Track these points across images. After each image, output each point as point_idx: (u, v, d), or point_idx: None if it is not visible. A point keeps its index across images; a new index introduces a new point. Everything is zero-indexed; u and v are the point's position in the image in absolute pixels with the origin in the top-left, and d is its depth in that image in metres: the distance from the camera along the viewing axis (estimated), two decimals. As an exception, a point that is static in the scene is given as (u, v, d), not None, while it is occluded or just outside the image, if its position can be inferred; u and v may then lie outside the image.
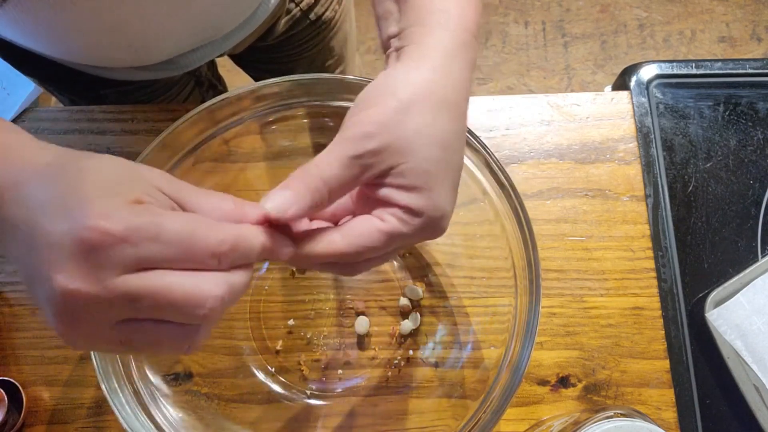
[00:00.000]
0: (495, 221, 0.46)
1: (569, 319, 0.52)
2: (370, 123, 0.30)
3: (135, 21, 0.47)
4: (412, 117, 0.30)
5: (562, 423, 0.45)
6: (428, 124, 0.31)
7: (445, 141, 0.31)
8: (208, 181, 0.49)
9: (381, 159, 0.30)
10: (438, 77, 0.32)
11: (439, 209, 0.31)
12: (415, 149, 0.30)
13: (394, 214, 0.31)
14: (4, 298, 0.52)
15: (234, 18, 0.56)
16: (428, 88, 0.31)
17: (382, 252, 0.32)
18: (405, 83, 0.31)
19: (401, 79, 0.32)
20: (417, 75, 0.32)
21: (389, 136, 0.30)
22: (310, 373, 0.50)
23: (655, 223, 0.54)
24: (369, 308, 0.52)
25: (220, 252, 0.26)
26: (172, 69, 0.58)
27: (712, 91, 0.59)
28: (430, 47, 0.32)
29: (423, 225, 0.31)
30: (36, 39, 0.49)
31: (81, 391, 0.50)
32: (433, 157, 0.30)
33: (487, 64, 1.60)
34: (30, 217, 0.25)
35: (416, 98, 0.31)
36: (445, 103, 0.31)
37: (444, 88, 0.32)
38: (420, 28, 0.33)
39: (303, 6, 0.66)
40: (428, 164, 0.30)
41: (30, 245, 0.25)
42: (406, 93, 0.31)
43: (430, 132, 0.30)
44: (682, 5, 1.65)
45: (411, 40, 0.33)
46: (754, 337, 0.50)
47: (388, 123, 0.30)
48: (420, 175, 0.30)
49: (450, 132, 0.31)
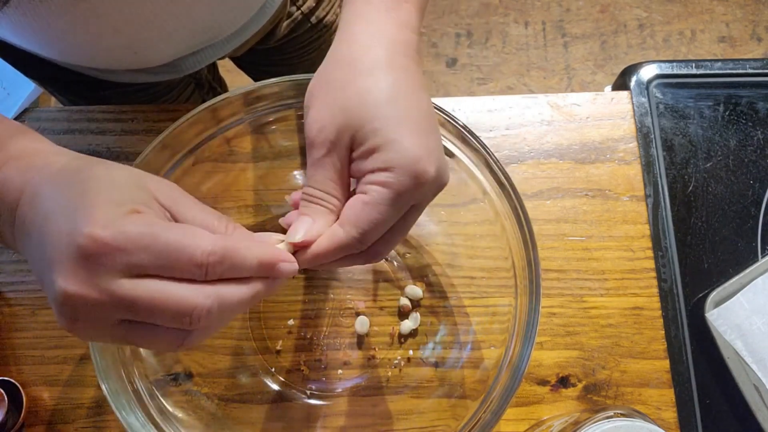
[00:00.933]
0: (495, 221, 0.46)
1: (569, 319, 0.52)
2: (316, 120, 0.32)
3: (135, 24, 0.47)
4: (348, 92, 0.32)
5: (562, 423, 0.45)
6: (365, 88, 0.31)
7: (388, 93, 0.31)
8: (208, 181, 0.49)
9: (344, 140, 0.32)
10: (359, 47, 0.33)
11: (408, 155, 0.30)
12: (361, 115, 0.31)
13: (370, 182, 0.31)
14: (4, 298, 0.52)
15: (235, 21, 0.56)
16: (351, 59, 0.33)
17: (390, 223, 0.32)
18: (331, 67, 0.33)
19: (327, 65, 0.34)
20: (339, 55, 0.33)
21: (336, 120, 0.31)
22: (310, 373, 0.50)
23: (655, 223, 0.54)
24: (369, 308, 0.52)
25: (207, 263, 0.26)
26: (172, 72, 0.58)
27: (712, 91, 0.59)
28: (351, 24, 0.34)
29: (403, 178, 0.30)
30: (36, 41, 0.49)
31: (81, 391, 0.50)
32: (380, 114, 0.31)
33: (487, 64, 1.60)
34: (40, 222, 0.27)
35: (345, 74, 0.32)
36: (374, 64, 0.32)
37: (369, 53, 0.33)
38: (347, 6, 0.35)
39: (304, 9, 0.66)
40: (378, 122, 0.31)
41: (40, 248, 0.27)
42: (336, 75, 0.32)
43: (368, 95, 0.31)
44: (682, 5, 1.65)
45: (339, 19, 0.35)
46: (754, 337, 0.50)
47: (329, 109, 0.32)
48: (373, 134, 0.31)
49: (388, 84, 0.32)
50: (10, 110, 0.57)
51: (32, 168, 0.29)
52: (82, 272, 0.25)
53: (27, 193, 0.28)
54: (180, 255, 0.26)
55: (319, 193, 0.32)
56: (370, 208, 0.31)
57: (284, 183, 0.53)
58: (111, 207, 0.26)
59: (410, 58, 0.34)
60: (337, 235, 0.32)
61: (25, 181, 0.29)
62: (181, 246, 0.26)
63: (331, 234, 0.32)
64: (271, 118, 0.47)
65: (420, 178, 0.31)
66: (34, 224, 0.27)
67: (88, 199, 0.26)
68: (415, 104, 0.32)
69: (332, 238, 0.32)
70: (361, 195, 0.31)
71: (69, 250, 0.25)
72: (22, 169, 0.29)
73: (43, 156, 0.30)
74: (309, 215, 0.32)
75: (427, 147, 0.31)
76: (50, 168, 0.29)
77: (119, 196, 0.27)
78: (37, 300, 0.52)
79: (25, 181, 0.29)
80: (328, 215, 0.32)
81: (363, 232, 0.31)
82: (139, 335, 0.27)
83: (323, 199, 0.32)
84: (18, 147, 0.31)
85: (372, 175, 0.31)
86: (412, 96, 0.32)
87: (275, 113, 0.46)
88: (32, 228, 0.27)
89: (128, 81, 0.59)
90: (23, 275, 0.53)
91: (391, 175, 0.30)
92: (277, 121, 0.47)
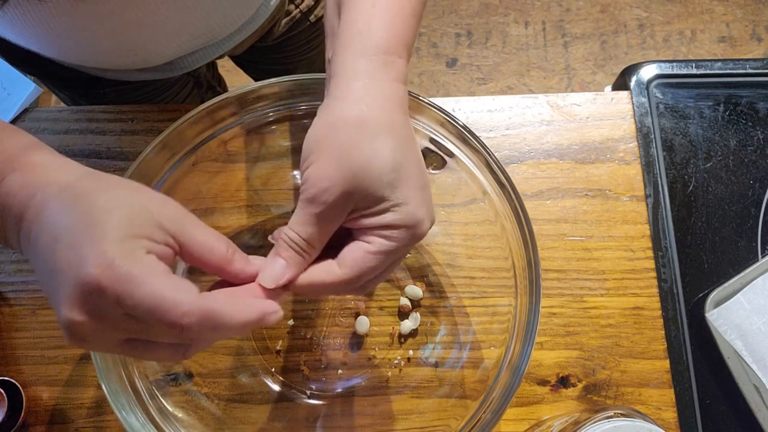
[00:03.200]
0: (495, 221, 0.46)
1: (569, 319, 0.52)
2: (321, 178, 0.32)
3: (134, 25, 0.47)
4: (354, 156, 0.32)
5: (562, 423, 0.45)
6: (371, 156, 0.32)
7: (393, 160, 0.33)
8: (208, 181, 0.49)
9: (345, 203, 0.33)
10: (362, 107, 0.33)
11: (413, 217, 0.33)
12: (369, 182, 0.32)
13: (374, 234, 0.33)
14: (4, 298, 0.52)
15: (233, 21, 0.56)
16: (358, 122, 0.33)
17: (380, 269, 0.34)
18: (337, 126, 0.33)
19: (333, 122, 0.34)
20: (344, 113, 0.34)
21: (343, 183, 0.32)
22: (310, 373, 0.50)
23: (655, 223, 0.54)
24: (369, 308, 0.52)
25: (182, 324, 0.28)
26: (171, 70, 0.58)
27: (712, 91, 0.59)
28: (350, 80, 0.34)
29: (405, 235, 0.33)
30: (35, 40, 0.49)
31: (81, 391, 0.50)
32: (387, 180, 0.33)
33: (487, 64, 1.60)
34: (47, 242, 0.28)
35: (351, 137, 0.33)
36: (377, 128, 0.33)
37: (371, 115, 0.33)
38: (341, 57, 0.35)
39: (303, 8, 0.66)
40: (386, 189, 0.33)
41: (48, 273, 0.28)
42: (342, 136, 0.33)
43: (374, 162, 0.32)
44: (682, 5, 1.65)
45: (335, 71, 0.35)
46: (754, 337, 0.50)
47: (336, 170, 0.32)
48: (381, 200, 0.33)
49: (392, 149, 0.33)
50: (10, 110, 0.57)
51: (35, 184, 0.30)
52: (87, 305, 0.27)
53: (32, 207, 0.29)
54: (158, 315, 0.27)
55: (303, 244, 0.34)
56: (371, 257, 0.33)
57: (284, 183, 0.53)
58: (113, 246, 0.27)
59: (404, 113, 0.35)
60: (333, 273, 0.34)
61: (30, 195, 0.29)
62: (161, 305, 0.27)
63: (328, 270, 0.34)
64: (271, 118, 0.47)
65: (419, 235, 0.34)
66: (40, 242, 0.29)
67: (90, 236, 0.27)
68: (414, 164, 0.34)
69: (329, 275, 0.34)
70: (363, 243, 0.33)
71: (75, 284, 0.27)
72: (26, 183, 0.30)
73: (45, 173, 0.31)
74: (285, 260, 0.34)
75: (425, 205, 0.34)
76: (53, 187, 0.30)
77: (121, 231, 0.28)
78: (37, 300, 0.52)
79: (30, 195, 0.30)
80: (302, 264, 0.34)
81: (359, 275, 0.33)
82: (142, 351, 0.30)
83: (305, 250, 0.34)
84: (19, 157, 0.32)
85: (378, 230, 0.33)
86: (410, 155, 0.34)
87: (275, 113, 0.46)
88: (38, 245, 0.29)
89: (126, 79, 0.59)
90: (23, 275, 0.53)
91: (395, 233, 0.33)
92: (277, 121, 0.47)
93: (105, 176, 0.31)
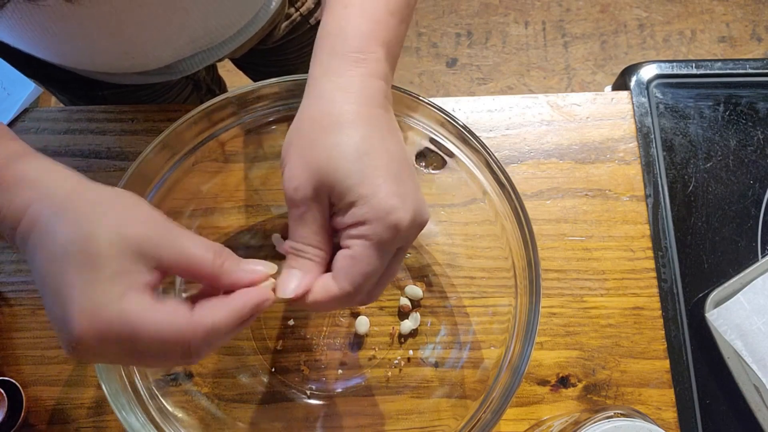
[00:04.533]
0: (495, 221, 0.46)
1: (569, 319, 0.52)
2: (291, 178, 0.33)
3: (132, 29, 0.47)
4: (317, 151, 0.33)
5: (562, 423, 0.45)
6: (333, 148, 0.32)
7: (356, 150, 0.32)
8: (208, 181, 0.49)
9: (318, 198, 0.33)
10: (330, 104, 0.34)
11: (381, 208, 0.32)
12: (334, 175, 0.32)
13: (350, 236, 0.32)
14: (4, 298, 0.52)
15: (231, 26, 0.56)
16: (323, 118, 0.33)
17: (379, 271, 0.33)
18: (305, 125, 0.34)
19: (302, 122, 0.34)
20: (312, 112, 0.34)
21: (310, 179, 0.32)
22: (310, 373, 0.50)
23: (655, 223, 0.54)
24: (369, 308, 0.52)
25: (189, 350, 0.29)
26: (170, 74, 0.58)
27: (712, 91, 0.59)
28: (321, 79, 0.35)
29: (380, 228, 0.32)
30: (33, 44, 0.49)
31: (81, 391, 0.50)
32: (350, 170, 0.32)
33: (487, 64, 1.60)
34: (44, 273, 0.29)
35: (316, 133, 0.33)
36: (343, 122, 0.33)
37: (338, 110, 0.33)
38: (315, 59, 0.36)
39: (303, 11, 0.66)
40: (349, 179, 0.32)
41: (45, 299, 0.29)
42: (308, 134, 0.33)
43: (336, 153, 0.32)
44: (682, 5, 1.65)
45: (310, 73, 0.36)
46: (754, 337, 0.50)
47: (303, 168, 0.33)
48: (347, 191, 0.32)
49: (356, 141, 0.32)
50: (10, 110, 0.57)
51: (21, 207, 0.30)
52: (80, 349, 0.28)
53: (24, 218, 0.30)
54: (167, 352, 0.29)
55: (304, 248, 0.34)
56: (357, 262, 0.32)
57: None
58: (105, 291, 0.28)
59: (378, 106, 0.34)
60: (331, 289, 0.33)
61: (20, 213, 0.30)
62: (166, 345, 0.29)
63: (326, 288, 0.33)
64: (271, 118, 0.47)
65: (397, 227, 0.32)
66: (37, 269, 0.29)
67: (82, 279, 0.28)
68: (386, 154, 0.33)
69: (327, 292, 0.33)
70: (345, 250, 0.33)
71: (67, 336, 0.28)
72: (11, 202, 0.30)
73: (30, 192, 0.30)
74: (298, 268, 0.34)
75: (400, 194, 0.32)
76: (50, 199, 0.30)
77: (110, 270, 0.28)
78: (37, 300, 0.52)
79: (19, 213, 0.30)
80: (316, 267, 0.34)
81: (354, 285, 0.33)
82: (147, 363, 0.31)
83: (309, 253, 0.34)
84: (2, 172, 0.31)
85: (351, 230, 0.32)
86: (381, 146, 0.33)
87: (275, 113, 0.46)
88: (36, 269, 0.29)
89: (125, 82, 0.59)
90: (23, 275, 0.53)
91: (369, 228, 0.32)
92: (276, 121, 0.47)
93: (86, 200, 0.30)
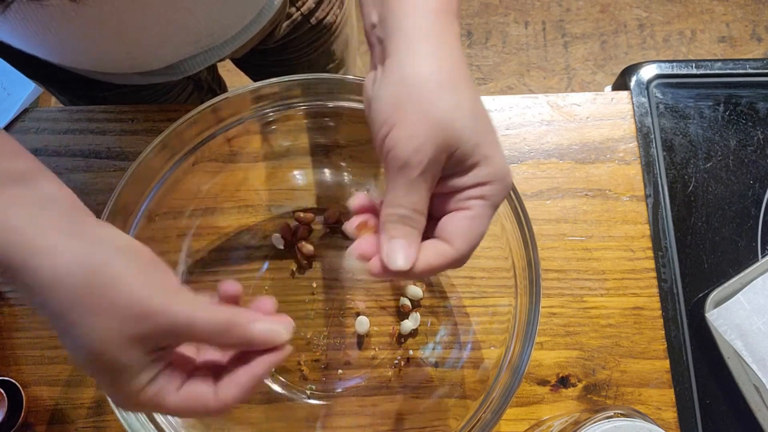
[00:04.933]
0: (495, 221, 0.46)
1: (569, 319, 0.52)
2: (410, 137, 0.31)
3: (134, 30, 0.47)
4: (441, 109, 0.31)
5: (562, 423, 0.45)
6: (455, 108, 0.32)
7: (472, 111, 0.32)
8: (208, 181, 0.49)
9: (440, 159, 0.31)
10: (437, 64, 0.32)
11: (503, 169, 0.32)
12: (459, 134, 0.31)
13: (470, 197, 0.32)
14: (4, 298, 0.52)
15: (232, 26, 0.56)
16: (435, 77, 0.32)
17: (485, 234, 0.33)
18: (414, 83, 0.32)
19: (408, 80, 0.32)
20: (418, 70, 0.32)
21: (435, 138, 0.31)
22: (310, 373, 0.50)
23: (655, 223, 0.54)
24: (369, 308, 0.52)
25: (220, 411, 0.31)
26: (171, 74, 0.58)
27: (712, 91, 0.59)
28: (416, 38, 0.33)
29: (499, 189, 0.32)
30: (35, 44, 0.49)
31: (81, 391, 0.50)
32: (475, 129, 0.32)
33: (487, 64, 1.60)
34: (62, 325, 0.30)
35: (432, 91, 0.32)
36: (455, 82, 0.32)
37: (447, 69, 0.33)
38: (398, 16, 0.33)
39: (304, 10, 0.66)
40: (476, 137, 0.32)
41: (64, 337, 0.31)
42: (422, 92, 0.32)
43: (459, 113, 0.31)
44: (682, 5, 1.65)
45: (393, 30, 0.33)
46: (754, 337, 0.50)
47: (425, 126, 0.31)
48: (472, 151, 0.32)
49: (468, 100, 0.32)
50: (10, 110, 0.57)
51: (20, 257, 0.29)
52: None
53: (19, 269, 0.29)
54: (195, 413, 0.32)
55: (412, 214, 0.32)
56: (477, 223, 0.32)
57: (284, 183, 0.53)
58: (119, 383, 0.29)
59: (468, 71, 0.35)
60: (447, 253, 0.32)
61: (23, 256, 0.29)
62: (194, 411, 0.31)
63: (440, 253, 0.32)
64: (271, 118, 0.47)
65: (509, 188, 0.33)
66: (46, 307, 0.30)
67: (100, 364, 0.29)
68: (488, 118, 0.33)
69: (444, 257, 0.32)
70: (464, 211, 0.32)
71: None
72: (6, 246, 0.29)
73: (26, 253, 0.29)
74: (402, 237, 0.32)
75: (504, 157, 0.33)
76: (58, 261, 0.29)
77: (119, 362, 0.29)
78: (37, 300, 0.52)
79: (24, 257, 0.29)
80: (418, 236, 0.33)
81: (472, 246, 0.32)
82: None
83: (415, 221, 0.32)
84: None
85: (471, 191, 0.32)
86: (485, 109, 0.34)
87: (276, 113, 0.46)
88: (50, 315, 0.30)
89: (126, 83, 0.59)
90: (23, 275, 0.53)
91: (491, 188, 0.32)
92: (277, 121, 0.47)
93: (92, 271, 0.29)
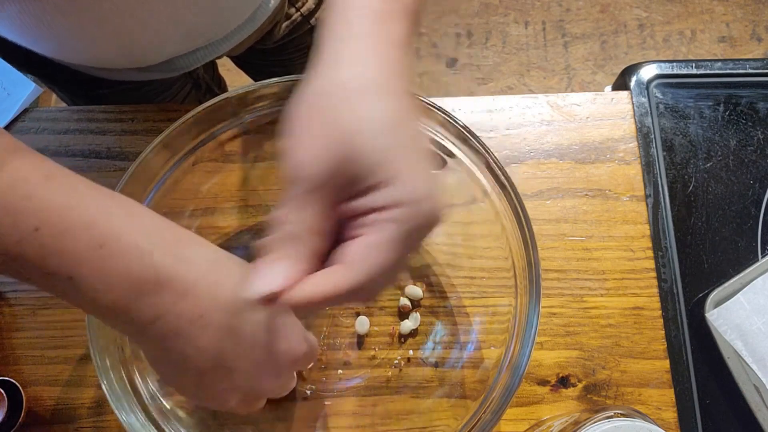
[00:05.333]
0: (495, 221, 0.45)
1: (569, 319, 0.52)
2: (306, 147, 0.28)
3: (132, 25, 0.47)
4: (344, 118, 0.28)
5: (562, 423, 0.45)
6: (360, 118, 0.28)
7: (386, 122, 0.28)
8: (208, 181, 0.49)
9: (336, 175, 0.28)
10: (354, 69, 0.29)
11: (416, 189, 0.28)
12: (360, 147, 0.27)
13: (375, 220, 0.28)
14: (5, 298, 0.52)
15: (232, 21, 0.56)
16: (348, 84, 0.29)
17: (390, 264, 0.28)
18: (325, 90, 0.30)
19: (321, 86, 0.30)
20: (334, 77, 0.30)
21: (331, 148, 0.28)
22: (310, 373, 0.50)
23: (655, 223, 0.54)
24: (369, 308, 0.52)
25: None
26: (168, 70, 0.58)
27: (712, 91, 0.59)
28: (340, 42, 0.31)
29: (410, 213, 0.28)
30: (33, 39, 0.49)
31: (81, 391, 0.50)
32: (381, 145, 0.28)
33: (487, 64, 1.60)
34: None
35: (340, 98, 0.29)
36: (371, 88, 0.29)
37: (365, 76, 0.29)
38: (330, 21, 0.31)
39: (303, 11, 0.66)
40: (380, 154, 0.28)
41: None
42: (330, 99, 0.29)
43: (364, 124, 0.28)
44: (682, 5, 1.65)
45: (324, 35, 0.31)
46: (754, 337, 0.50)
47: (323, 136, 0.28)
48: (377, 167, 0.27)
49: (387, 110, 0.28)
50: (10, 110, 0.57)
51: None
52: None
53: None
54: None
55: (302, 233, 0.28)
56: (379, 250, 0.28)
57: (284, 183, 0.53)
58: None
59: (405, 80, 0.30)
60: (341, 280, 0.28)
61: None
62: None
63: (331, 279, 0.28)
64: (271, 118, 0.47)
65: (431, 215, 0.28)
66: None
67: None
68: (413, 130, 0.29)
69: (336, 283, 0.28)
70: (366, 237, 0.28)
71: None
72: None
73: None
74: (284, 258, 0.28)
75: (431, 180, 0.29)
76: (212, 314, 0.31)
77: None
78: (37, 300, 0.52)
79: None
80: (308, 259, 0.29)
81: (370, 276, 0.28)
82: None
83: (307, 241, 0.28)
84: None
85: (379, 213, 0.28)
86: (410, 124, 0.29)
87: (275, 113, 0.46)
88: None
89: (123, 79, 0.59)
90: (23, 275, 0.53)
91: (401, 212, 0.27)
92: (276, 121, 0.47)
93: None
